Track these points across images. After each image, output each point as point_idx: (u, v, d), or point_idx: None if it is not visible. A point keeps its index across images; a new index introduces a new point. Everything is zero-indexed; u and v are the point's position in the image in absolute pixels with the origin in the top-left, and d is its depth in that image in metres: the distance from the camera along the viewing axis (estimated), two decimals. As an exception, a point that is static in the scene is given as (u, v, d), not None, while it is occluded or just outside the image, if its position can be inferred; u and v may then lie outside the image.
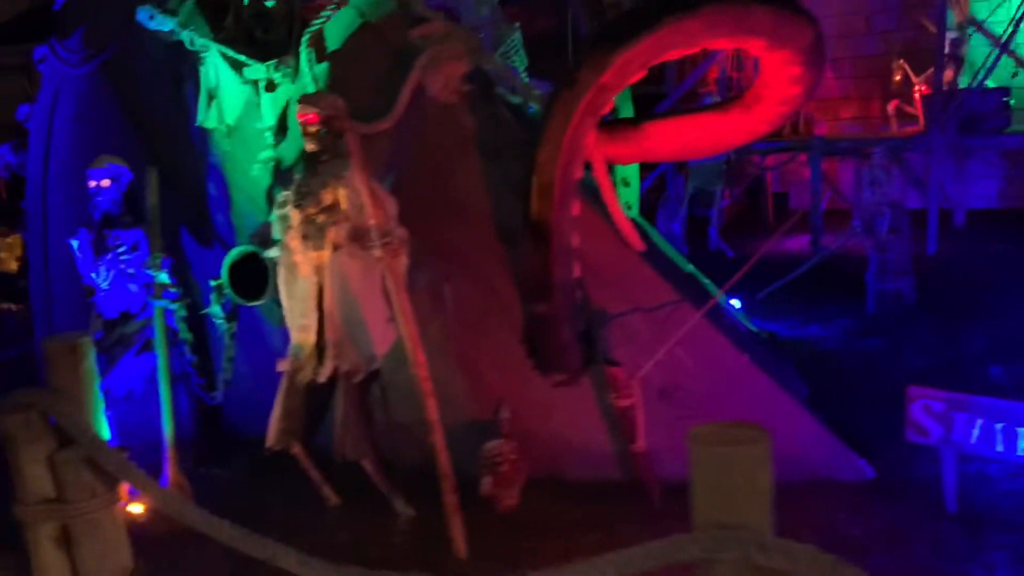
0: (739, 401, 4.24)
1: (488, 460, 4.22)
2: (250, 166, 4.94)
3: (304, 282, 4.08)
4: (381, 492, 4.22)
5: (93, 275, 4.73)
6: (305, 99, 4.00)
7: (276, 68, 4.68)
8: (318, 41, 4.73)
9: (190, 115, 5.19)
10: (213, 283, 4.50)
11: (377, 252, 3.72)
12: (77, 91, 5.71)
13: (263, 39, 4.99)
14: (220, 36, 4.90)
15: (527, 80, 5.38)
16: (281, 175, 4.81)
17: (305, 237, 3.98)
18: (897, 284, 6.78)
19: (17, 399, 3.88)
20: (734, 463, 1.44)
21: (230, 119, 4.90)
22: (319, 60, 4.72)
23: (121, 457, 3.61)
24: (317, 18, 4.71)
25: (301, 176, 4.10)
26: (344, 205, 3.93)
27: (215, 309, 4.50)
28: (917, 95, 10.37)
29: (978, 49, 10.62)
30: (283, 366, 4.13)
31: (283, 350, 4.38)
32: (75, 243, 4.81)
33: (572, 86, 3.48)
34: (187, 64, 5.20)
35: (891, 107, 10.56)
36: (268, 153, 4.77)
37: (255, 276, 4.36)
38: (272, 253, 4.23)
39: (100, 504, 3.83)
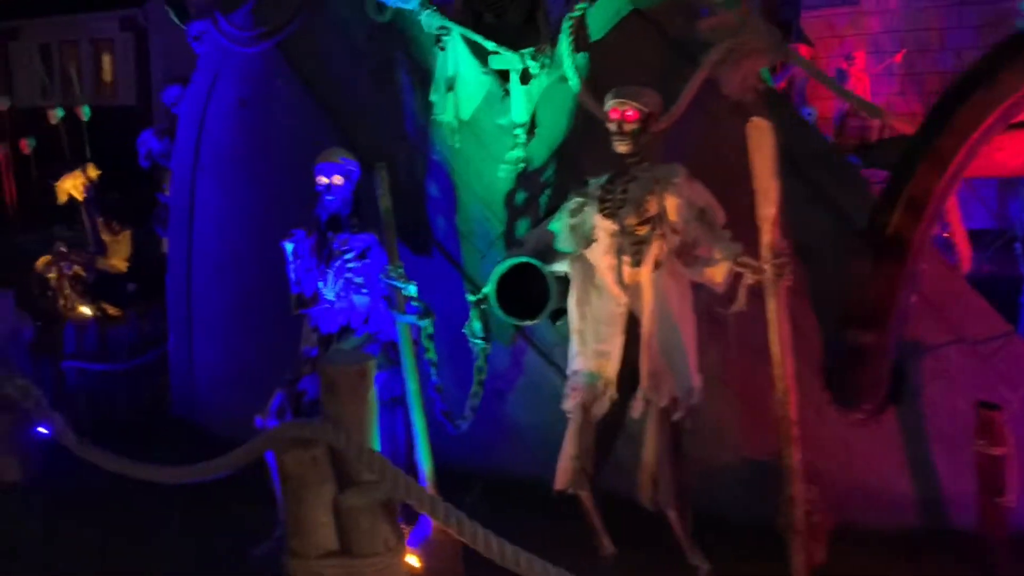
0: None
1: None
2: (486, 166, 4.41)
3: (608, 302, 3.56)
4: (672, 542, 3.71)
5: (320, 284, 4.12)
6: (624, 93, 3.48)
7: (533, 57, 4.14)
8: (579, 29, 4.21)
9: (403, 105, 4.63)
10: (472, 297, 3.96)
11: (768, 273, 3.21)
12: (244, 73, 5.12)
13: (492, 24, 4.46)
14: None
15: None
16: (527, 178, 4.30)
17: (620, 251, 3.46)
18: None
19: (291, 433, 3.30)
20: None
21: (465, 113, 4.35)
22: (579, 49, 4.20)
23: (435, 498, 3.06)
24: (579, 3, 4.20)
25: (607, 181, 3.58)
26: (673, 216, 3.42)
27: (475, 326, 3.94)
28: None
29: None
30: (576, 398, 3.60)
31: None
32: (289, 247, 4.19)
33: (991, 87, 3.03)
34: (399, 47, 4.64)
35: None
36: (518, 153, 4.25)
37: (521, 291, 3.84)
38: (559, 267, 3.71)
39: (390, 559, 3.28)
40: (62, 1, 19.09)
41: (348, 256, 4.12)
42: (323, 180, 4.11)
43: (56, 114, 14.41)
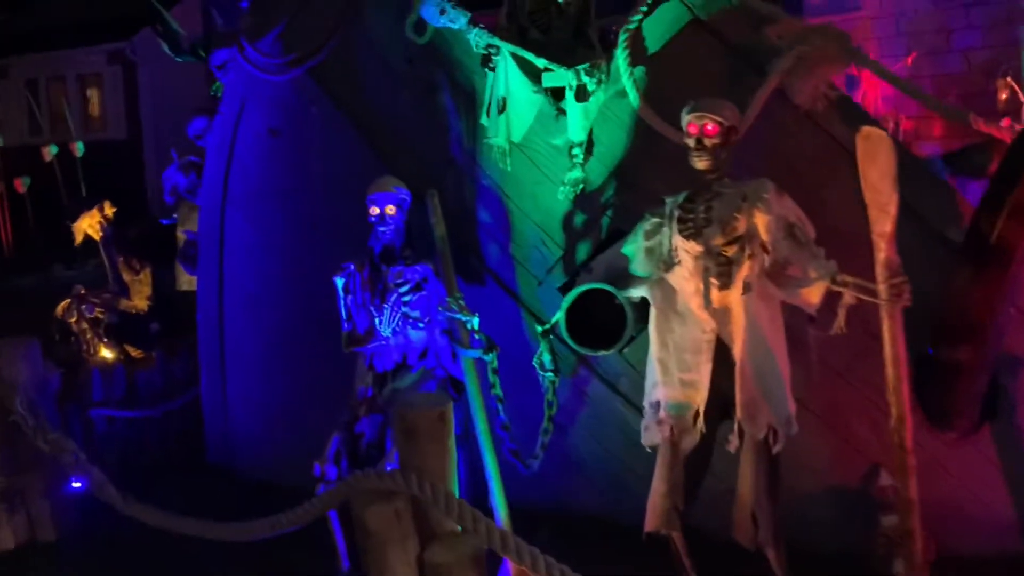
0: None
1: (894, 538, 3.52)
2: (541, 188, 4.21)
3: (693, 328, 3.34)
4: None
5: (376, 320, 3.89)
6: (704, 106, 3.28)
7: (588, 73, 3.95)
8: (636, 41, 4.02)
9: (448, 129, 4.42)
10: (540, 328, 3.74)
11: (884, 294, 3.00)
12: (274, 101, 4.90)
13: (539, 40, 4.27)
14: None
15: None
16: (585, 200, 4.10)
17: (707, 273, 3.25)
18: None
19: (369, 484, 3.08)
20: None
21: (517, 135, 4.15)
22: (636, 63, 4.01)
23: (525, 545, 2.84)
24: (634, 14, 4.02)
25: (685, 199, 3.37)
26: (763, 235, 3.21)
27: (545, 358, 3.72)
28: (1032, 111, 10.06)
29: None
30: (664, 431, 3.38)
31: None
32: (340, 281, 3.97)
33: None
34: (440, 70, 4.44)
35: (1004, 126, 10.23)
36: (576, 173, 4.05)
37: (591, 319, 3.63)
38: (635, 292, 3.49)
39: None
40: (49, 37, 18.91)
41: (403, 289, 3.90)
42: (376, 210, 3.90)
43: (50, 151, 14.22)
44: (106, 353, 5.81)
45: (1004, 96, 10.70)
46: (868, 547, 3.65)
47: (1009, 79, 10.84)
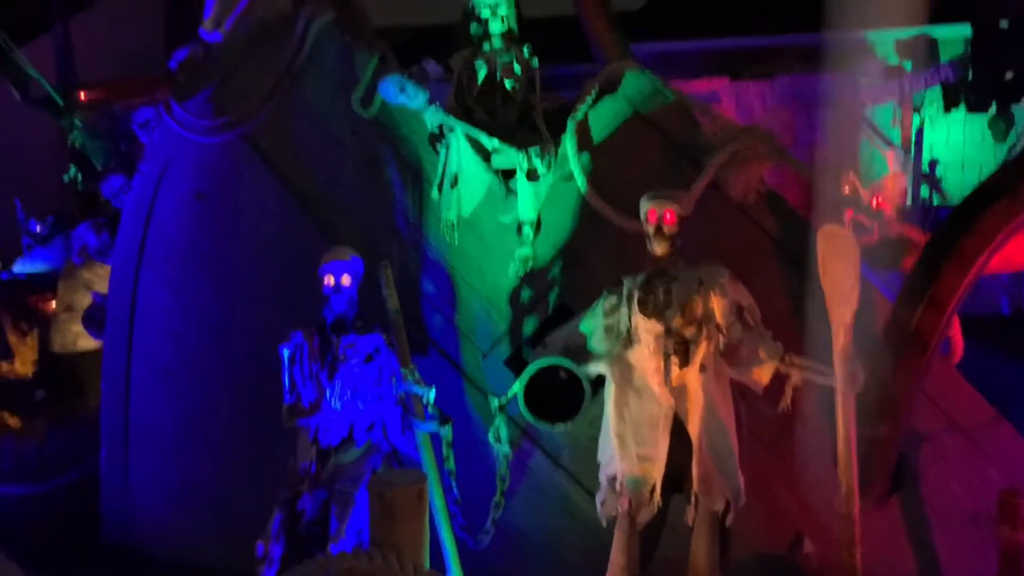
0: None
1: (822, 602, 3.78)
2: (488, 263, 4.31)
3: (650, 404, 3.52)
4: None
5: (327, 392, 3.81)
6: (663, 195, 3.52)
7: (539, 156, 4.13)
8: (582, 129, 4.25)
9: (393, 201, 4.47)
10: (497, 401, 3.80)
11: (841, 378, 3.26)
12: (201, 164, 4.78)
13: (485, 121, 4.43)
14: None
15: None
16: (532, 276, 4.24)
17: (666, 352, 3.44)
18: None
19: (345, 566, 3.02)
20: None
21: (467, 210, 4.25)
22: (582, 149, 4.24)
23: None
24: (581, 104, 4.26)
25: (644, 281, 3.57)
26: (719, 317, 3.45)
27: (502, 432, 3.77)
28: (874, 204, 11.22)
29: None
30: (623, 504, 3.50)
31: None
32: (286, 352, 3.89)
33: (1015, 196, 3.31)
34: (385, 143, 4.50)
35: (847, 217, 11.33)
36: (526, 251, 4.19)
37: (543, 393, 3.74)
38: (593, 367, 3.63)
39: None
40: None
41: (355, 360, 3.87)
42: (331, 280, 3.87)
43: None
44: (-19, 423, 5.32)
45: (847, 190, 11.90)
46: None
47: (852, 175, 12.09)
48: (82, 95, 8.38)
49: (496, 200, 4.27)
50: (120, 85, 8.78)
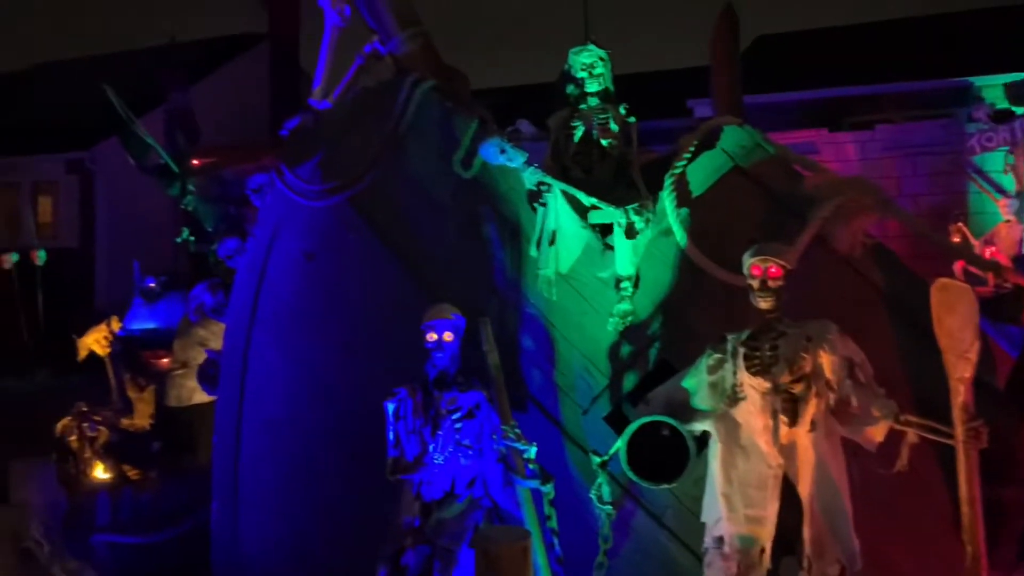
0: None
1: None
2: (587, 319, 4.32)
3: (758, 463, 3.42)
4: None
5: (430, 447, 3.86)
6: (768, 250, 3.47)
7: (637, 212, 4.15)
8: (680, 184, 4.26)
9: (492, 259, 4.54)
10: (598, 459, 3.76)
11: (962, 436, 3.14)
12: (310, 226, 4.97)
13: (581, 179, 4.48)
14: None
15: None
16: (631, 332, 4.21)
17: (774, 410, 3.36)
18: None
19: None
20: None
21: (564, 267, 4.29)
22: (681, 204, 4.23)
23: None
24: (679, 159, 4.27)
25: (749, 337, 3.51)
26: (829, 374, 3.36)
27: (604, 491, 3.73)
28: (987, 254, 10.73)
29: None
30: (731, 568, 3.40)
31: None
32: (391, 407, 3.96)
33: None
34: (485, 202, 4.60)
35: (957, 268, 10.88)
36: (625, 306, 4.18)
37: (645, 451, 3.68)
38: (697, 425, 3.57)
39: None
40: (6, 144, 18.77)
41: (456, 415, 3.91)
42: (433, 336, 3.94)
43: (10, 259, 13.91)
44: (101, 474, 5.57)
45: (957, 240, 11.44)
46: None
47: (961, 224, 11.64)
48: (195, 162, 8.87)
49: (594, 256, 4.30)
50: (229, 151, 9.29)
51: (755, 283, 3.49)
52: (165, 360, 6.19)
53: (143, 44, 20.41)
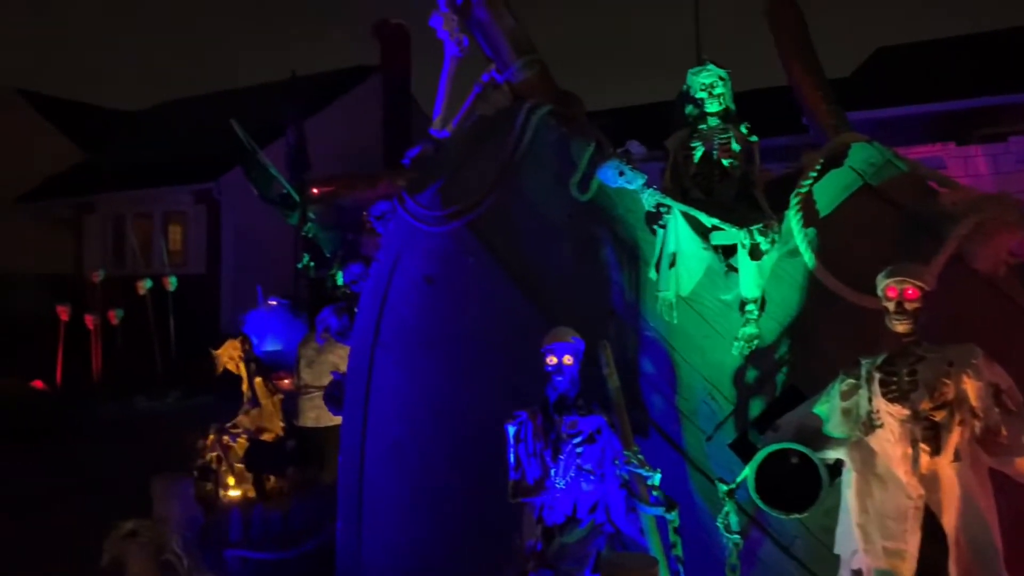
0: None
1: None
2: (710, 342, 4.23)
3: (897, 494, 3.26)
4: None
5: (552, 470, 3.86)
6: (904, 271, 3.33)
7: (762, 232, 4.05)
8: (807, 203, 4.14)
9: (610, 281, 4.53)
10: (725, 487, 3.67)
11: None
12: (430, 251, 5.06)
13: (701, 200, 4.41)
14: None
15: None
16: (757, 356, 4.10)
17: (914, 438, 3.20)
18: None
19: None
20: None
21: (685, 289, 4.23)
22: (808, 224, 4.12)
23: None
24: (805, 178, 4.16)
25: (884, 362, 3.37)
26: (974, 401, 3.19)
27: (732, 519, 3.64)
28: None
29: None
30: (870, 602, 3.25)
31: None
32: (512, 429, 3.98)
33: None
34: (601, 224, 4.59)
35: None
36: (751, 329, 4.08)
37: (774, 479, 3.56)
38: (831, 453, 3.44)
39: None
40: (137, 176, 19.96)
41: (577, 440, 3.90)
42: (553, 360, 3.95)
43: (144, 285, 14.77)
44: (235, 489, 5.80)
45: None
46: None
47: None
48: (314, 191, 9.20)
49: (716, 278, 4.22)
50: (347, 180, 9.58)
51: (891, 305, 3.35)
52: (286, 381, 6.43)
53: (265, 79, 21.44)
